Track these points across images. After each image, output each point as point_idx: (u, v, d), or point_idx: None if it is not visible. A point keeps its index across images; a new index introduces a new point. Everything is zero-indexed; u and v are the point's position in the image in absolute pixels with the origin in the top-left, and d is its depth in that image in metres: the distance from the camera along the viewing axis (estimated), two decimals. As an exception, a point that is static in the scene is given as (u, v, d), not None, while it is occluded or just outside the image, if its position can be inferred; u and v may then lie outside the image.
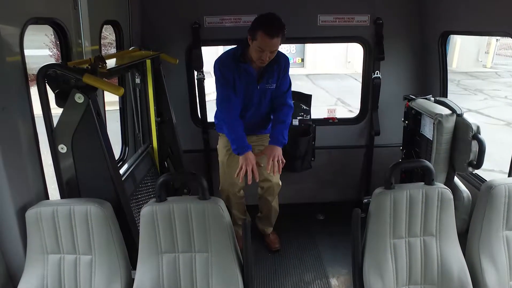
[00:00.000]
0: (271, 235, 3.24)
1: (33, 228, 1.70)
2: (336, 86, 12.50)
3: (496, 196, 1.78)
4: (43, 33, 10.39)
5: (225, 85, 2.58)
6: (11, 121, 1.68)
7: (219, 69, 2.58)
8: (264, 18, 2.42)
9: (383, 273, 1.78)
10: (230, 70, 2.57)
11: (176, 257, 1.72)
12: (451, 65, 15.99)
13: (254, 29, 2.42)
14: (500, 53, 17.00)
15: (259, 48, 2.41)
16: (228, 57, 2.60)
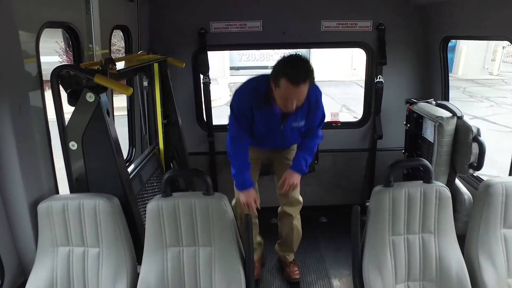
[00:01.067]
0: (292, 264, 2.92)
1: (44, 221, 1.77)
2: (341, 93, 12.56)
3: (494, 195, 1.82)
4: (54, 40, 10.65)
5: (239, 123, 2.37)
6: (26, 119, 1.76)
7: (236, 104, 2.35)
8: (287, 63, 2.09)
9: (382, 269, 1.81)
10: (250, 107, 2.32)
11: (181, 251, 1.78)
12: (457, 73, 15.96)
13: (276, 74, 2.08)
14: (507, 60, 16.93)
15: (283, 97, 2.10)
16: (250, 93, 2.32)
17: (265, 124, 2.42)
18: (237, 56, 15.13)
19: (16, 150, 1.71)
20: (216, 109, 3.45)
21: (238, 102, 2.36)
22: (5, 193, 1.75)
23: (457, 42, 16.13)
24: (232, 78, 14.75)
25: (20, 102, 1.73)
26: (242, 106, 2.34)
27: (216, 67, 14.48)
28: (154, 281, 1.75)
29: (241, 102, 2.35)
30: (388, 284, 1.81)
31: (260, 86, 2.30)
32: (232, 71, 15.16)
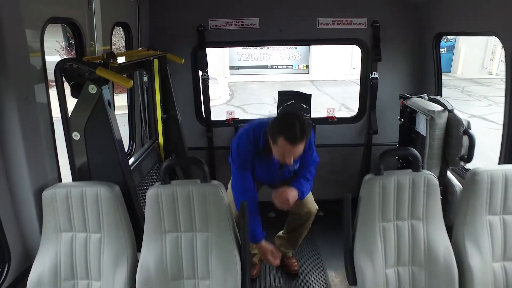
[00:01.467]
0: (291, 257, 3.01)
1: (48, 208, 1.84)
2: (341, 92, 12.63)
3: (480, 183, 1.89)
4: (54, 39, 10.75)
5: (243, 167, 2.38)
6: (32, 110, 1.84)
7: (237, 153, 2.37)
8: (284, 122, 2.14)
9: (373, 254, 1.88)
10: (251, 154, 2.38)
11: (179, 236, 1.85)
12: (456, 72, 16.02)
13: (274, 133, 2.14)
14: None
15: (281, 153, 2.17)
16: (249, 144, 2.36)
17: (264, 170, 2.49)
18: (237, 55, 15.21)
19: (22, 140, 1.78)
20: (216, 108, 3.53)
21: (240, 153, 2.36)
22: (11, 181, 1.82)
23: (456, 42, 16.22)
24: (232, 78, 14.84)
25: (26, 94, 1.81)
26: (244, 156, 2.36)
27: (216, 67, 14.57)
28: (154, 265, 1.82)
29: (243, 153, 2.36)
30: (378, 268, 1.88)
31: (258, 138, 2.35)
32: (232, 70, 15.24)
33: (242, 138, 2.39)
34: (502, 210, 1.91)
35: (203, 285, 1.84)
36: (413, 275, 1.90)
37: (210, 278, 1.83)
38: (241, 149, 2.36)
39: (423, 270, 1.90)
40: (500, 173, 1.89)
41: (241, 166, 2.37)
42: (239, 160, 2.37)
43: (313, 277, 2.91)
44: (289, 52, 15.38)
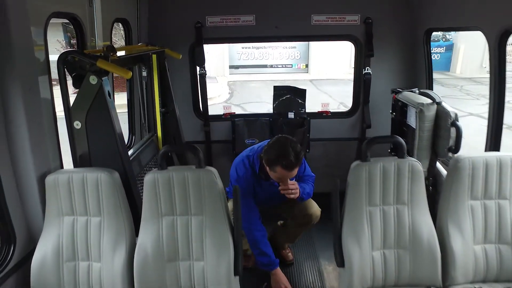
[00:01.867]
0: (286, 248, 3.10)
1: (51, 193, 1.94)
2: (340, 91, 12.70)
3: (462, 169, 1.98)
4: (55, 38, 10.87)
5: (245, 195, 2.46)
6: (35, 100, 1.93)
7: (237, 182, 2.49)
8: (279, 150, 2.26)
9: (360, 238, 1.98)
10: (251, 182, 2.50)
11: (175, 220, 1.94)
12: (455, 71, 16.09)
13: (270, 162, 2.29)
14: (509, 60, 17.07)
15: (278, 178, 2.35)
16: (247, 172, 2.49)
17: (265, 193, 2.61)
18: (237, 55, 15.31)
19: (27, 128, 1.88)
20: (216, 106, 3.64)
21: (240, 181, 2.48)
22: (16, 167, 1.92)
23: (455, 41, 16.30)
24: (231, 77, 14.93)
25: (30, 85, 1.90)
26: (245, 183, 2.48)
27: (215, 66, 14.68)
28: (151, 247, 1.91)
29: (243, 179, 2.48)
30: (365, 251, 1.97)
31: (254, 164, 2.50)
32: (232, 69, 15.34)
33: (239, 166, 2.53)
34: (483, 195, 2.01)
35: (197, 266, 1.93)
36: (398, 257, 1.99)
37: (204, 260, 1.92)
38: (241, 176, 2.49)
39: (408, 252, 1.99)
40: (481, 159, 1.99)
41: (243, 195, 2.38)
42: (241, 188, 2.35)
43: (307, 266, 3.00)
44: (289, 51, 15.48)
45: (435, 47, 16.42)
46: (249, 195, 2.51)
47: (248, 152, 2.57)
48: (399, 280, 2.00)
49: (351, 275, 1.95)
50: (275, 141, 2.34)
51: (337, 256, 2.02)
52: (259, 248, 2.53)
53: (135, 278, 1.91)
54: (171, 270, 1.92)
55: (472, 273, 1.98)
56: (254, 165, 2.51)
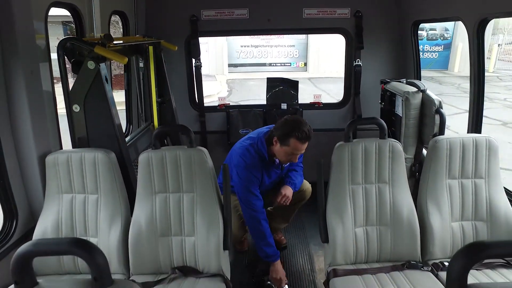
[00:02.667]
0: (279, 233, 3.18)
1: (51, 171, 2.05)
2: (337, 88, 12.79)
3: (440, 149, 2.09)
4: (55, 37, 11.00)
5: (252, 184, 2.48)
6: (37, 83, 2.05)
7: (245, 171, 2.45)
8: (293, 124, 2.36)
9: (343, 215, 2.08)
10: (259, 170, 2.51)
11: (167, 197, 2.05)
12: (453, 69, 16.20)
13: (285, 135, 2.35)
14: (503, 58, 17.18)
15: (291, 152, 2.40)
16: (255, 159, 2.49)
17: (270, 178, 2.64)
18: (236, 53, 15.44)
19: (29, 110, 1.98)
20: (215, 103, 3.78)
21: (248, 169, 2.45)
22: (18, 147, 2.03)
23: (453, 39, 16.41)
24: (230, 75, 15.05)
25: (31, 69, 2.02)
26: (254, 172, 2.48)
27: (214, 65, 14.81)
28: (144, 222, 2.02)
29: (253, 168, 2.47)
30: (348, 228, 2.07)
31: (259, 150, 2.50)
32: (231, 68, 15.45)
33: (245, 155, 2.48)
34: (460, 174, 2.11)
35: (189, 241, 2.04)
36: (380, 233, 2.10)
37: (195, 235, 2.03)
38: (249, 163, 2.45)
39: (389, 229, 2.09)
40: (458, 140, 2.09)
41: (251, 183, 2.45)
42: (247, 178, 2.44)
43: (298, 249, 3.11)
44: (287, 50, 15.60)
45: (434, 46, 16.54)
46: (256, 183, 2.50)
47: (248, 141, 2.57)
48: (380, 255, 2.10)
49: (334, 250, 2.06)
50: (287, 118, 2.43)
51: (321, 233, 2.12)
52: (266, 239, 2.51)
53: (130, 252, 2.01)
54: (164, 245, 2.03)
55: (449, 248, 2.09)
56: (261, 151, 2.50)
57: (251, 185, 2.47)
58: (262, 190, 2.69)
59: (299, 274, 2.78)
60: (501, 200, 2.11)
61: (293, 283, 2.67)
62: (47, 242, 0.98)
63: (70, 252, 0.94)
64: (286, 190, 2.67)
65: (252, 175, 2.48)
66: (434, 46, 16.55)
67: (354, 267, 2.04)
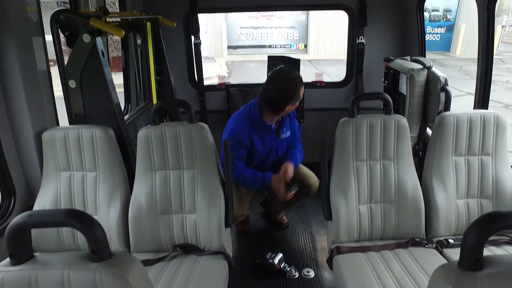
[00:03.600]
0: (281, 212, 3.18)
1: (48, 148, 2.00)
2: (338, 70, 12.63)
3: (446, 125, 2.04)
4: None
5: (239, 144, 2.47)
6: (30, 57, 1.97)
7: (234, 137, 2.44)
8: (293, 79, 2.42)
9: (347, 192, 2.04)
10: (248, 134, 2.49)
11: (167, 174, 2.01)
12: (455, 52, 16.00)
13: (295, 91, 2.40)
14: (506, 40, 16.95)
15: (295, 102, 2.46)
16: (245, 120, 2.49)
17: (264, 144, 2.59)
18: (235, 35, 15.19)
19: (22, 85, 1.92)
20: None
21: (235, 132, 2.45)
22: (13, 124, 1.97)
23: (456, 21, 16.13)
24: (230, 57, 14.86)
25: (24, 42, 1.94)
26: (242, 137, 2.46)
27: (214, 47, 14.59)
28: (144, 200, 1.99)
29: (241, 133, 2.46)
30: (352, 205, 2.04)
31: (251, 113, 2.50)
32: (230, 50, 15.24)
33: (235, 118, 2.51)
34: (467, 151, 2.07)
35: (190, 218, 2.01)
36: (384, 211, 2.07)
37: (196, 212, 2.00)
38: (235, 127, 2.45)
39: (393, 206, 2.06)
40: (465, 116, 2.04)
41: (237, 143, 2.45)
42: (236, 138, 2.44)
43: (300, 229, 3.10)
44: (287, 31, 15.34)
45: (436, 27, 16.28)
46: (243, 150, 2.51)
47: (239, 110, 2.59)
48: (384, 233, 2.08)
49: (338, 228, 2.03)
50: (278, 74, 2.49)
51: (324, 210, 2.09)
52: (255, 182, 2.54)
53: (130, 230, 1.99)
54: (165, 222, 2.00)
55: (454, 225, 2.06)
56: (252, 113, 2.50)
57: (235, 146, 2.46)
58: (259, 162, 2.67)
59: (301, 253, 2.77)
60: (507, 177, 2.07)
61: (295, 261, 2.66)
62: (42, 213, 0.93)
63: (66, 223, 0.90)
64: (287, 165, 2.61)
65: (237, 140, 2.46)
66: (436, 27, 16.29)
67: (358, 245, 2.02)
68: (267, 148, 2.65)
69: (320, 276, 2.51)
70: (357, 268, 1.83)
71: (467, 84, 10.84)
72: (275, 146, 2.69)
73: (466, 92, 10.15)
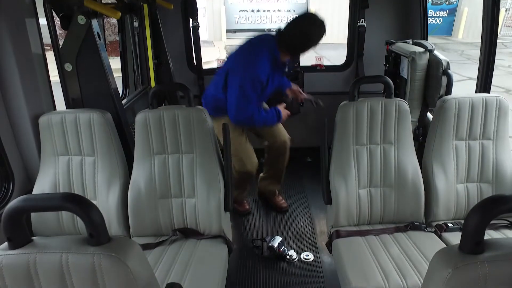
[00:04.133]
0: (278, 195, 3.19)
1: (45, 133, 1.98)
2: (338, 55, 12.45)
3: (448, 109, 2.01)
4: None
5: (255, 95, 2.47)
6: (24, 39, 1.92)
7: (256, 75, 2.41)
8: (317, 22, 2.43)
9: (347, 176, 2.03)
10: (267, 76, 2.48)
11: (166, 158, 2.00)
12: (457, 36, 15.81)
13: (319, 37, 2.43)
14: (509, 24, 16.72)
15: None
16: (268, 63, 2.45)
17: (274, 83, 2.60)
18: (234, 18, 14.94)
19: (17, 69, 1.88)
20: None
21: (259, 76, 2.41)
22: (9, 108, 1.94)
23: (458, 4, 15.86)
24: (229, 41, 14.65)
25: (17, 25, 1.89)
26: (262, 79, 2.44)
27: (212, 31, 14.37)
28: (143, 184, 1.98)
29: (262, 75, 2.43)
30: (352, 189, 2.03)
31: (271, 53, 2.46)
32: (229, 33, 15.02)
33: (259, 61, 2.42)
34: (468, 135, 2.05)
35: (189, 202, 2.00)
36: (384, 195, 2.06)
37: (195, 196, 1.99)
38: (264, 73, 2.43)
39: (393, 190, 2.05)
40: (467, 100, 2.01)
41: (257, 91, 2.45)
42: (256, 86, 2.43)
43: (299, 212, 3.11)
44: (287, 14, 15.07)
45: (438, 11, 16.03)
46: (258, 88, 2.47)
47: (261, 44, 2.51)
48: (383, 217, 2.08)
49: (337, 212, 2.03)
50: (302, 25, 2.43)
51: (324, 194, 2.09)
52: (266, 120, 2.60)
53: (130, 214, 1.99)
54: (164, 207, 2.00)
55: (453, 210, 2.06)
56: (275, 56, 2.48)
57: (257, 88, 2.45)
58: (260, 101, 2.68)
59: (300, 236, 2.79)
60: (508, 162, 2.06)
61: (294, 245, 2.68)
62: (39, 197, 0.92)
63: (63, 207, 0.88)
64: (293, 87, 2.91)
65: (259, 81, 2.43)
66: (438, 11, 16.04)
67: (357, 229, 2.03)
68: (273, 88, 2.67)
69: (320, 259, 2.53)
70: (356, 252, 1.84)
71: (468, 69, 10.74)
72: (278, 85, 2.74)
73: (467, 77, 10.06)
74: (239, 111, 2.47)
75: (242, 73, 2.42)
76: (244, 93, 2.42)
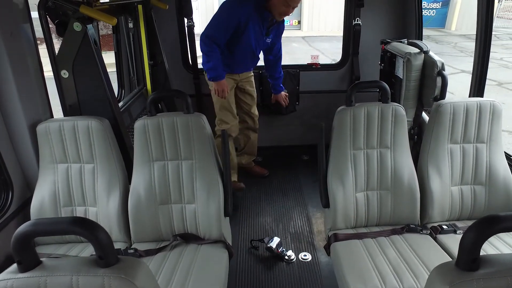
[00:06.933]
0: (256, 165, 3.62)
1: (43, 141, 1.97)
2: (333, 47, 12.51)
3: (443, 113, 2.04)
4: None
5: (225, 27, 2.64)
6: (18, 45, 1.91)
7: (232, 7, 2.60)
8: None
9: (344, 179, 2.07)
10: (246, 14, 2.61)
11: (166, 164, 2.01)
12: (450, 28, 15.85)
13: None
14: (502, 15, 16.79)
15: (287, 3, 2.58)
16: (254, 7, 2.61)
17: (253, 35, 2.75)
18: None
19: (12, 76, 1.86)
20: None
21: (237, 5, 2.59)
22: (6, 116, 1.93)
23: (451, -4, 15.88)
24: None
25: (10, 30, 1.87)
26: (239, 11, 2.59)
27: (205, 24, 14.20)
28: (143, 191, 1.99)
29: (241, 6, 2.58)
30: (349, 192, 2.07)
31: (261, 2, 2.62)
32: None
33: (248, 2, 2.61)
34: (462, 139, 2.09)
35: (189, 208, 2.02)
36: (380, 198, 2.10)
37: (195, 202, 2.01)
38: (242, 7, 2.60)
39: (390, 193, 2.09)
40: (462, 104, 2.04)
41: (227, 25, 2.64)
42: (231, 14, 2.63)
43: (296, 211, 3.15)
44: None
45: (431, 3, 16.04)
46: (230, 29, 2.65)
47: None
48: (380, 219, 2.12)
49: (335, 215, 2.07)
50: None
51: (322, 198, 2.12)
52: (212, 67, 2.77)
53: (130, 221, 2.00)
54: (164, 213, 2.02)
55: (448, 212, 2.11)
56: (263, 4, 2.65)
57: (229, 21, 2.63)
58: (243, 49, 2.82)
59: (298, 236, 2.83)
60: (501, 164, 2.10)
61: (292, 245, 2.72)
62: (47, 221, 0.94)
63: (71, 231, 0.90)
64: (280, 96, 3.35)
65: (239, 11, 2.60)
66: (432, 3, 16.04)
67: (354, 231, 2.07)
68: (253, 45, 2.82)
69: (317, 259, 2.57)
70: (354, 255, 1.88)
71: (461, 61, 10.81)
72: (258, 45, 2.88)
73: (460, 70, 10.13)
74: (205, 37, 2.70)
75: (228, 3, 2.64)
76: (219, 18, 2.65)
